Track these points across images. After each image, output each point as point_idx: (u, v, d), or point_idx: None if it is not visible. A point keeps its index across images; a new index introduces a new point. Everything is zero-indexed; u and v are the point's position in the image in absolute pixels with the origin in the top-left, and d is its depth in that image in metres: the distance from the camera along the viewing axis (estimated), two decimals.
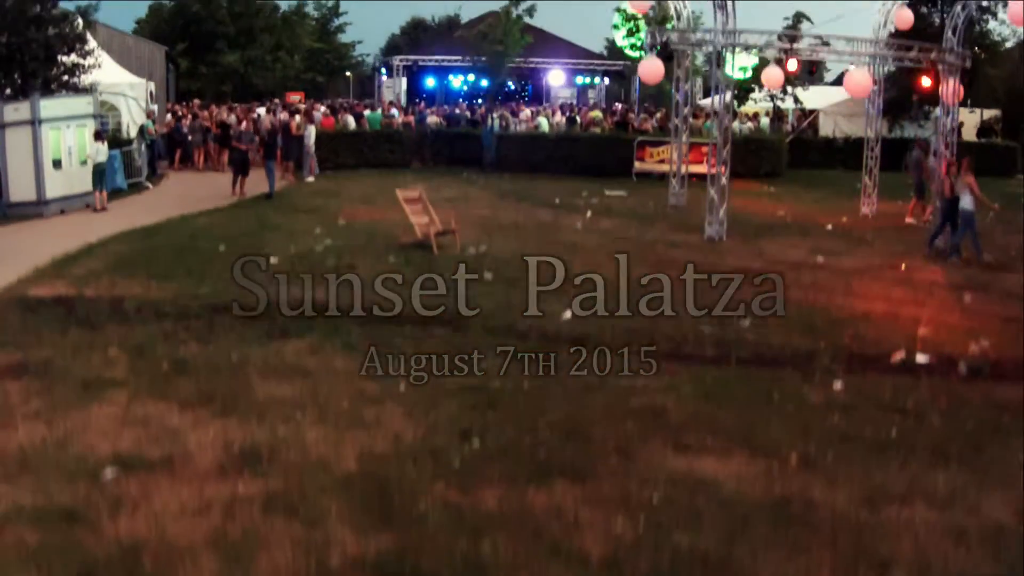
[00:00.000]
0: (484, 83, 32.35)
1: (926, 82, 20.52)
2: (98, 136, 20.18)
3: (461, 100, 38.72)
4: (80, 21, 22.88)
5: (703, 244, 16.06)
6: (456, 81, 41.14)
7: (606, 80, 42.94)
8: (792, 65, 17.17)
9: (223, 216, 18.29)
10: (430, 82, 42.08)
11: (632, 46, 27.81)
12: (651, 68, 17.48)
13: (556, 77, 41.15)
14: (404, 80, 40.63)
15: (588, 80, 43.83)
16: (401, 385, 7.96)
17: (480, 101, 27.70)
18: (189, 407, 7.50)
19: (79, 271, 13.07)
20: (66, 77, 22.37)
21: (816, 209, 21.57)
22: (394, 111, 34.51)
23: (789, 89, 29.98)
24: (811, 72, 28.12)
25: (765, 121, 31.59)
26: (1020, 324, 11.34)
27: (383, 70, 44.13)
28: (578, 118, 28.91)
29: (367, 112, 28.71)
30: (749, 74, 53.41)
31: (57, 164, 19.63)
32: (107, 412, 7.41)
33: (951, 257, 15.20)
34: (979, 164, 30.17)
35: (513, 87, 43.83)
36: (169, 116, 29.16)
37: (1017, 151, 32.18)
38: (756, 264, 14.35)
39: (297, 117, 28.23)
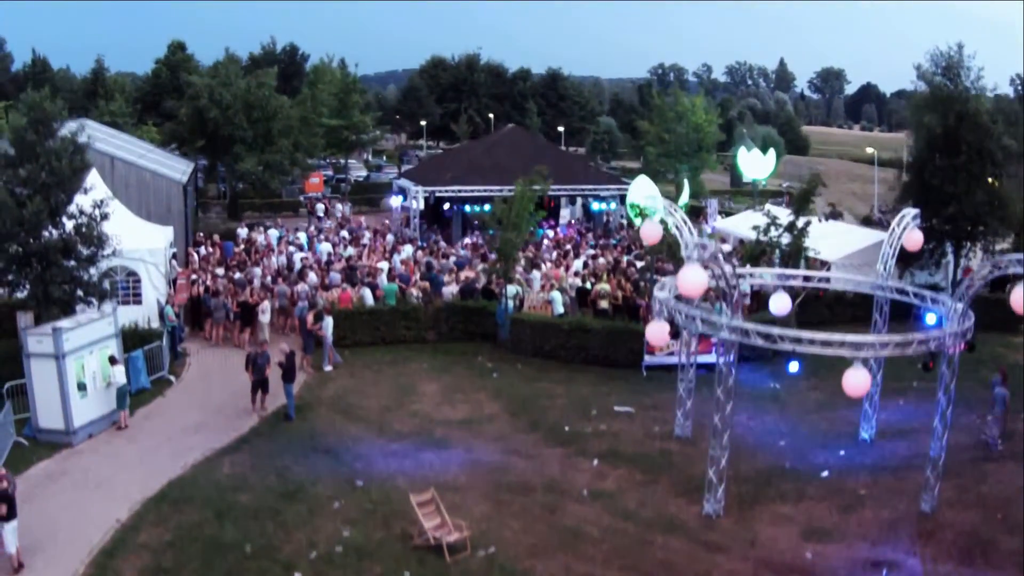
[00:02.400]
0: None
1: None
2: (113, 361, 22.11)
3: (476, 232, 40.49)
4: (99, 212, 24.14)
5: (700, 525, 17.58)
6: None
7: (623, 204, 44.43)
8: (795, 366, 18.54)
9: (244, 463, 19.96)
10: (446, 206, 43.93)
11: None
12: (658, 332, 18.99)
13: (571, 200, 43.37)
14: (420, 205, 42.51)
15: (604, 206, 45.54)
16: None
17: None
18: None
19: None
20: (84, 276, 23.92)
21: (818, 424, 23.05)
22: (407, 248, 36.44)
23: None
24: (819, 297, 29.60)
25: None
26: None
27: (401, 197, 46.01)
28: (590, 284, 30.52)
29: (383, 281, 30.44)
30: (771, 163, 54.92)
31: (82, 387, 21.59)
32: None
33: None
34: (985, 318, 31.79)
35: None
36: (193, 279, 30.98)
37: None
38: (746, 569, 15.99)
39: (308, 282, 30.19)
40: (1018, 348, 30.25)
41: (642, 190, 27.53)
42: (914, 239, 22.70)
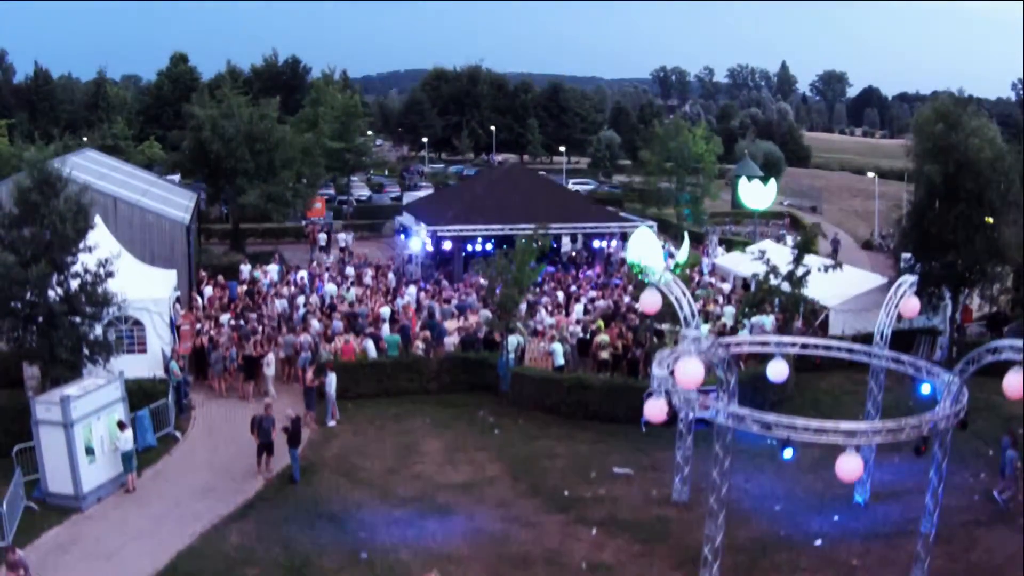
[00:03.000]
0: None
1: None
2: (121, 426, 22.72)
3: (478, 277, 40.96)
4: (103, 271, 24.66)
5: None
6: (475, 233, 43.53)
7: (624, 242, 45.00)
8: (788, 453, 18.99)
9: (251, 532, 20.51)
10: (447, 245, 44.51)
11: None
12: (656, 410, 19.44)
13: (573, 237, 44.30)
14: (423, 245, 43.18)
15: (605, 243, 46.14)
16: None
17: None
18: None
19: None
20: (90, 334, 24.52)
21: (813, 485, 23.53)
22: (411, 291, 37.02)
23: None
24: (816, 364, 30.16)
25: (769, 320, 33.21)
26: None
27: (402, 235, 46.69)
28: (591, 333, 31.11)
29: (385, 332, 31.04)
30: (771, 193, 55.46)
31: (90, 451, 22.19)
32: None
33: None
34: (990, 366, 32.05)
35: None
36: (198, 328, 31.55)
37: None
38: None
39: (311, 331, 30.78)
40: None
41: (643, 245, 28.06)
42: (910, 307, 23.19)
